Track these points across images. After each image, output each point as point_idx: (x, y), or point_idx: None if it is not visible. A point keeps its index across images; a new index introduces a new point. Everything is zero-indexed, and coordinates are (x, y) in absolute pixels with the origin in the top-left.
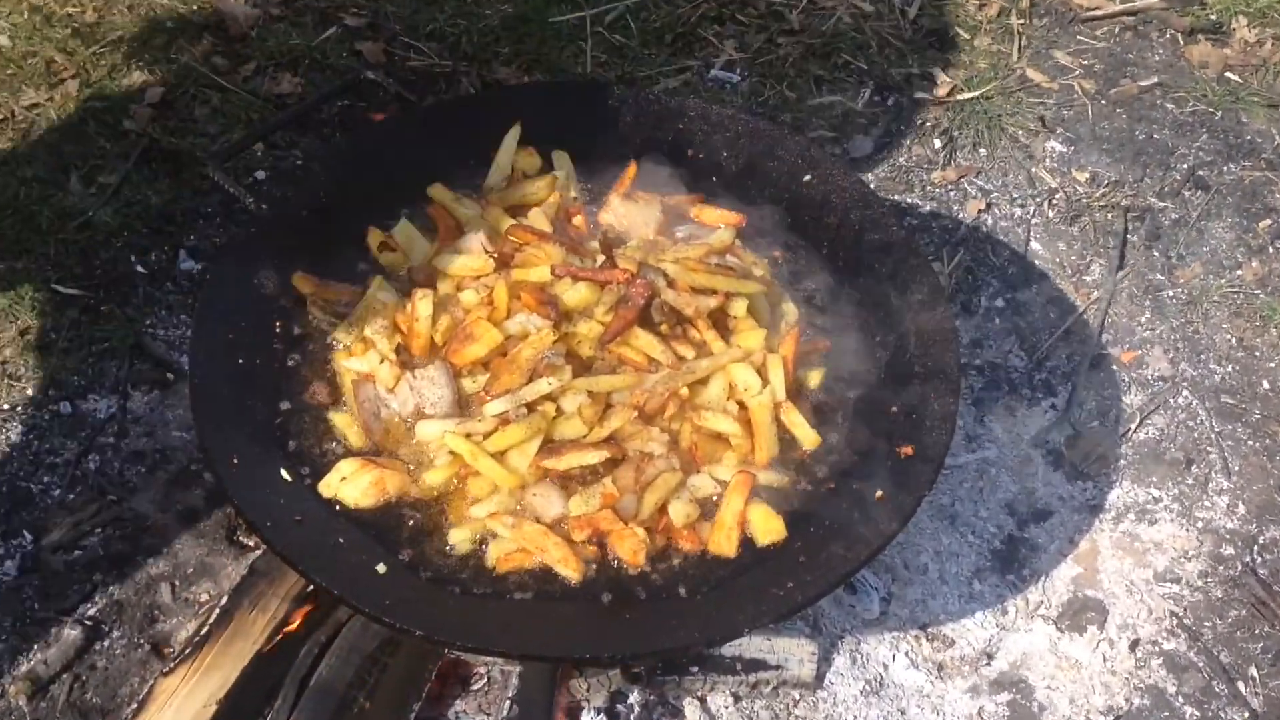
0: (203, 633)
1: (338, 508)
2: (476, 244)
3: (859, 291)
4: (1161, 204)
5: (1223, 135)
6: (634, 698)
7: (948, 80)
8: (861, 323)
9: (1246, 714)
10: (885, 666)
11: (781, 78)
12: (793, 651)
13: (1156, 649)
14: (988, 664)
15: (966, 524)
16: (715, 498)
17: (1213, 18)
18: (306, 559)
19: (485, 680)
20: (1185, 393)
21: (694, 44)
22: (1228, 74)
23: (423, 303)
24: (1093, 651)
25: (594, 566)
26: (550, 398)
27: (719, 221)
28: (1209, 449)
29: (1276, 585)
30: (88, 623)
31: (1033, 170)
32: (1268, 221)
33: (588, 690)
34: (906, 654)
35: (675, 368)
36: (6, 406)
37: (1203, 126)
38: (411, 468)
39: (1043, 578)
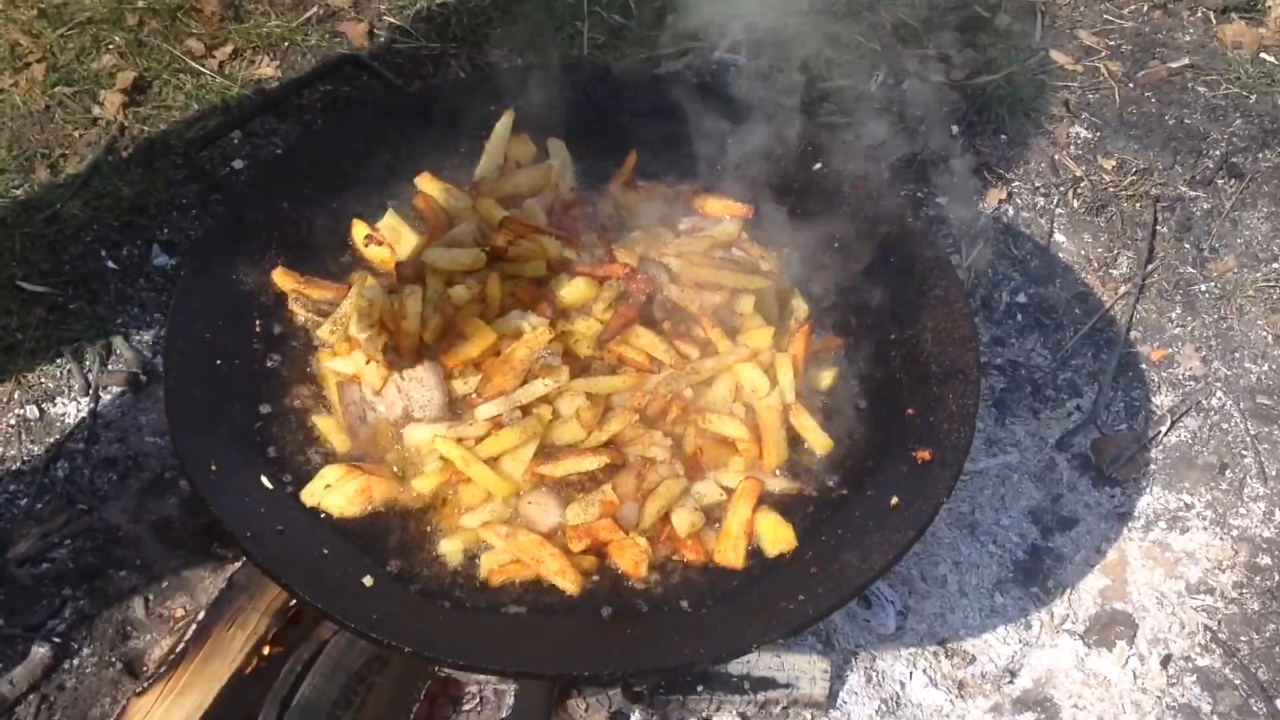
0: (178, 650)
1: (322, 517)
2: (468, 237)
3: (873, 287)
4: (1193, 193)
5: (1258, 120)
6: (635, 718)
7: (966, 63)
8: (876, 320)
9: None
10: (902, 685)
11: (790, 60)
12: (804, 669)
13: (1190, 665)
14: (1010, 682)
15: (987, 533)
16: (721, 505)
17: None
18: (289, 571)
19: (478, 700)
20: (1218, 393)
21: (697, 24)
22: (1263, 55)
23: (411, 300)
24: (1122, 668)
25: (593, 578)
26: (546, 400)
27: (724, 212)
28: (1244, 452)
29: None
30: (56, 640)
31: (1056, 158)
32: None
33: (586, 710)
34: (924, 671)
35: (678, 368)
36: None
37: (1236, 110)
38: (400, 474)
39: (1068, 590)
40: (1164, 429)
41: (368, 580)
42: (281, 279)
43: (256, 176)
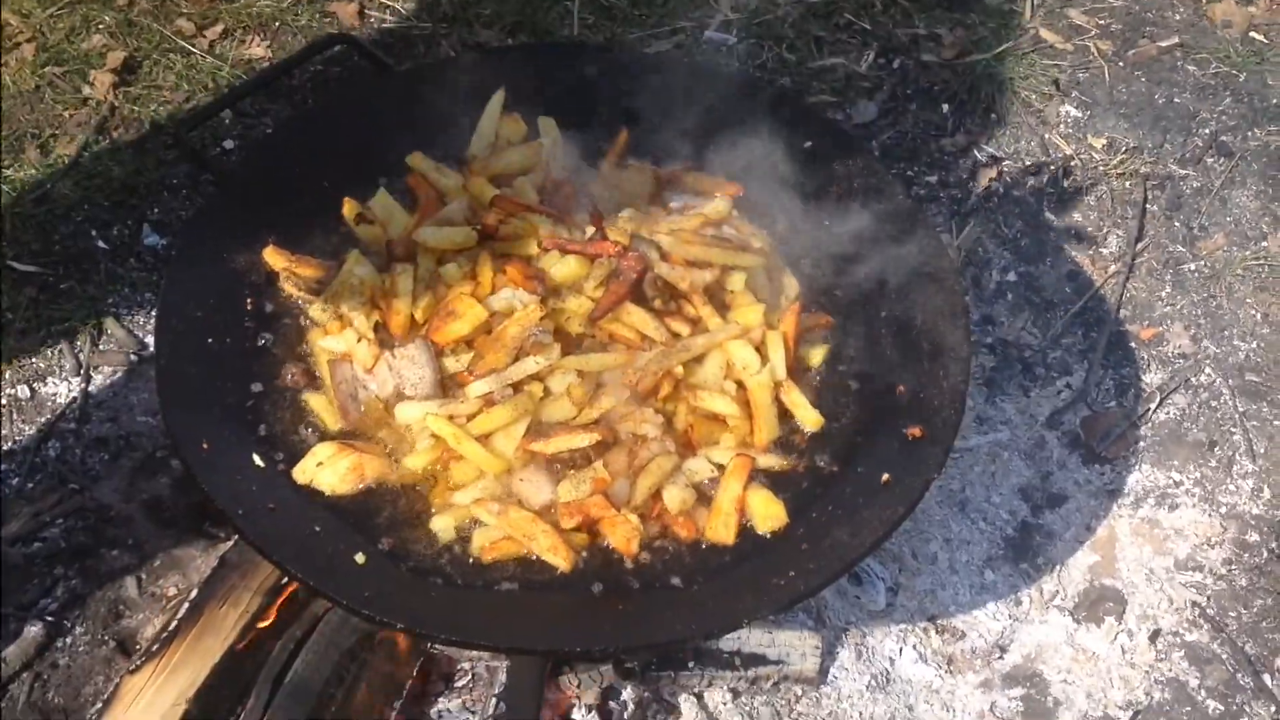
0: (171, 628)
1: (313, 495)
2: (459, 215)
3: (864, 264)
4: (1182, 172)
5: (1247, 99)
6: (627, 694)
7: (956, 41)
8: (867, 297)
9: (1272, 708)
10: (892, 660)
11: (780, 39)
12: (795, 645)
13: (1178, 640)
14: (1000, 657)
15: (977, 510)
16: (712, 482)
17: None
18: (281, 548)
19: (470, 676)
20: (1208, 371)
21: (687, 4)
22: (1252, 34)
23: (402, 278)
24: (1111, 643)
25: (584, 555)
26: (538, 378)
27: (715, 190)
28: (1233, 430)
29: None
30: (49, 619)
31: (1046, 137)
32: None
33: (579, 686)
34: (914, 647)
35: (669, 345)
36: None
37: (1226, 89)
38: (391, 452)
39: (1058, 566)
40: (1153, 406)
41: (360, 558)
42: (273, 258)
43: (248, 156)
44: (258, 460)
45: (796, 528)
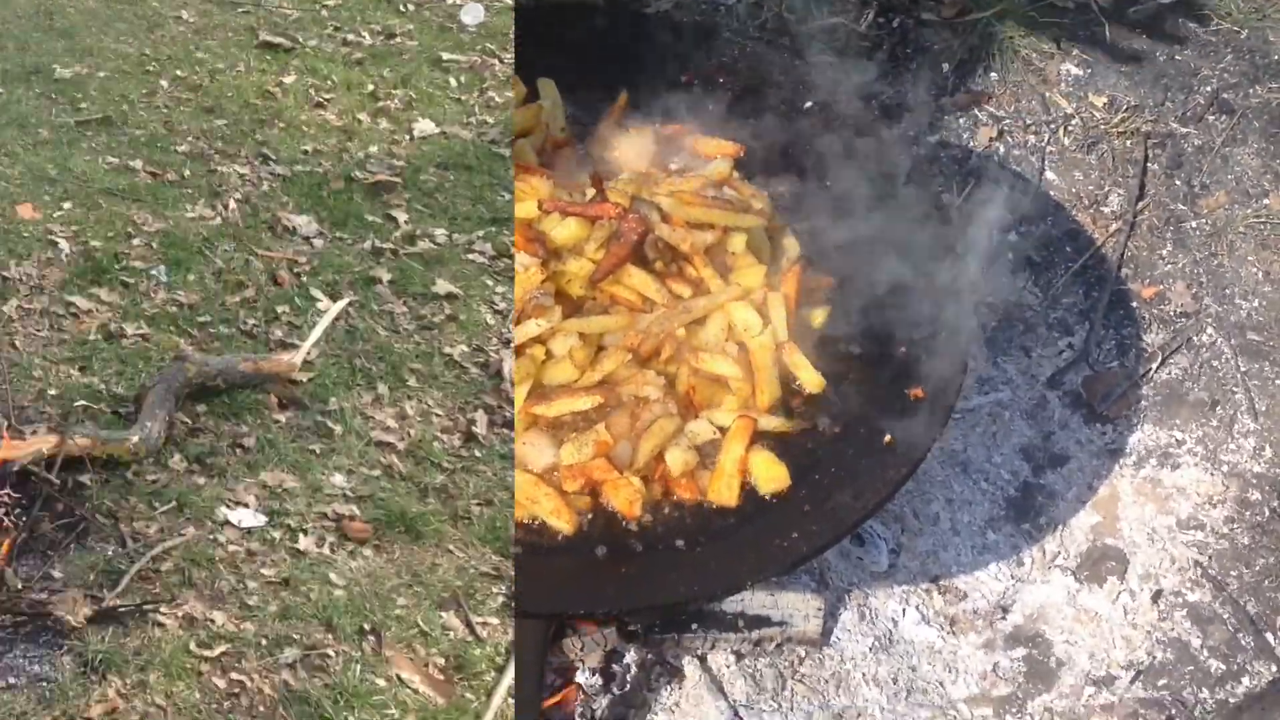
0: None
1: None
2: None
3: (865, 225)
4: (1183, 129)
5: (1249, 55)
6: (630, 657)
7: (956, 0)
8: (868, 258)
9: (1274, 667)
10: (895, 621)
11: None
12: (798, 606)
13: (1180, 600)
14: (1002, 618)
15: (979, 470)
16: (715, 444)
17: None
18: None
19: None
20: (1209, 329)
21: None
22: None
23: None
24: (1113, 603)
25: (587, 518)
26: (539, 340)
27: (716, 152)
28: (1234, 389)
29: None
30: None
31: (1047, 95)
32: None
33: (582, 649)
34: (917, 608)
35: (671, 307)
36: None
37: (1227, 46)
38: None
39: (1060, 526)
40: (1155, 366)
41: None
42: None
43: None
44: None
45: (799, 489)
